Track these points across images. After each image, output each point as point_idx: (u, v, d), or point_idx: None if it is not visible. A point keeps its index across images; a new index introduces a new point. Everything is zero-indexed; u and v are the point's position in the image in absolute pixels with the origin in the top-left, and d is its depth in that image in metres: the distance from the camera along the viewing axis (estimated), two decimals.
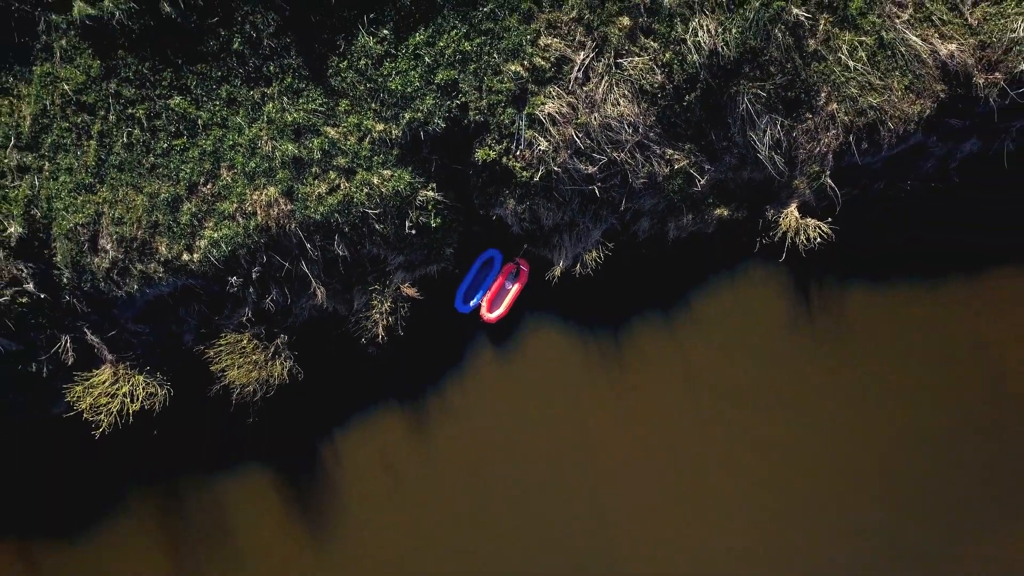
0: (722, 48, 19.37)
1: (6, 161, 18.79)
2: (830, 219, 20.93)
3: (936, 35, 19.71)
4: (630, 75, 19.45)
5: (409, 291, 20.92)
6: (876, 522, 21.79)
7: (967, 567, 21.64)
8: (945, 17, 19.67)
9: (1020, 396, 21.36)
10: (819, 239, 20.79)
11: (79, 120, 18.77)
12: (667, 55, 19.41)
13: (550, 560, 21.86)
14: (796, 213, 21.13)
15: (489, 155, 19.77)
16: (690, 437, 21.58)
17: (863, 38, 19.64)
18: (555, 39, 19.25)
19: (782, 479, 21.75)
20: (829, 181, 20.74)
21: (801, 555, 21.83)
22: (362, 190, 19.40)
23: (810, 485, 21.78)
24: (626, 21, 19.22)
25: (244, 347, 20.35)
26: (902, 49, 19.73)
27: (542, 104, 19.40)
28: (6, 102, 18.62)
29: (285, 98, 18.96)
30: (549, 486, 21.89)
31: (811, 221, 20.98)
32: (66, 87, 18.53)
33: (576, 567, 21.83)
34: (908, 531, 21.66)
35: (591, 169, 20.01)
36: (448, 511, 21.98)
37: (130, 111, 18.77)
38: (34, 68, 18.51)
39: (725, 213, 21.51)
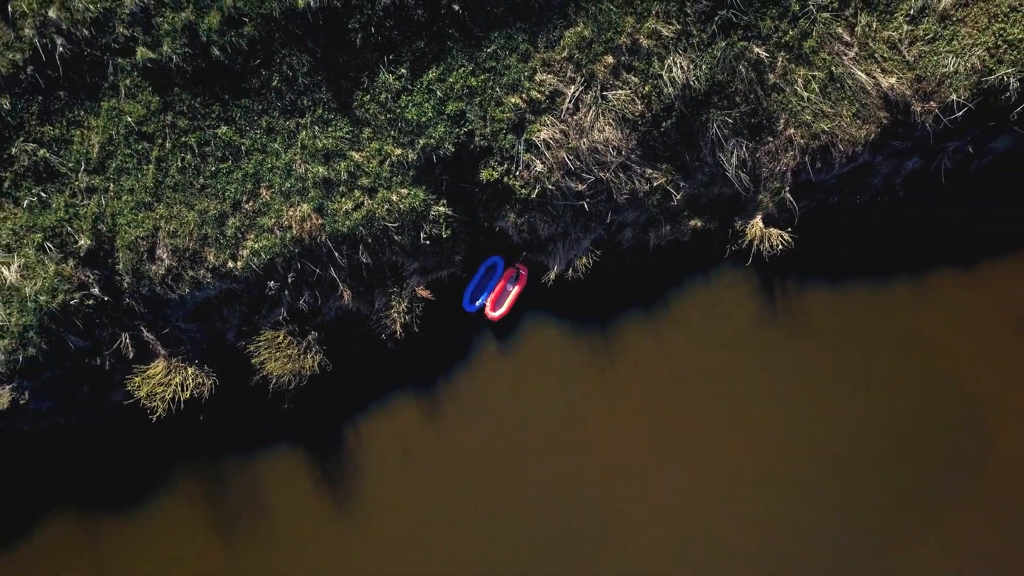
0: (694, 82, 22.40)
1: (77, 183, 21.83)
2: (790, 229, 23.93)
3: (878, 70, 22.74)
4: (614, 106, 22.49)
5: (423, 293, 23.94)
6: (834, 495, 24.75)
7: (921, 543, 24.56)
8: (886, 54, 22.68)
9: (956, 380, 24.35)
10: (780, 246, 23.81)
11: (140, 147, 21.82)
12: (646, 88, 22.45)
13: (543, 523, 24.79)
14: (760, 224, 24.13)
15: (492, 175, 22.80)
16: (667, 418, 24.50)
17: (815, 72, 22.67)
18: (549, 75, 22.29)
19: (752, 457, 24.66)
20: (788, 196, 23.77)
21: (773, 529, 24.73)
22: (383, 206, 22.43)
23: (781, 464, 24.68)
24: (610, 59, 22.26)
25: (280, 343, 23.33)
26: (849, 82, 22.76)
27: (538, 131, 22.44)
28: (78, 132, 21.66)
29: (316, 127, 22.01)
30: (544, 462, 24.79)
31: (773, 231, 23.97)
32: (129, 119, 21.56)
33: (566, 529, 24.77)
34: (859, 503, 24.65)
35: (581, 187, 23.06)
36: (455, 486, 24.91)
37: (184, 139, 21.81)
38: (102, 103, 21.54)
39: (698, 224, 24.53)
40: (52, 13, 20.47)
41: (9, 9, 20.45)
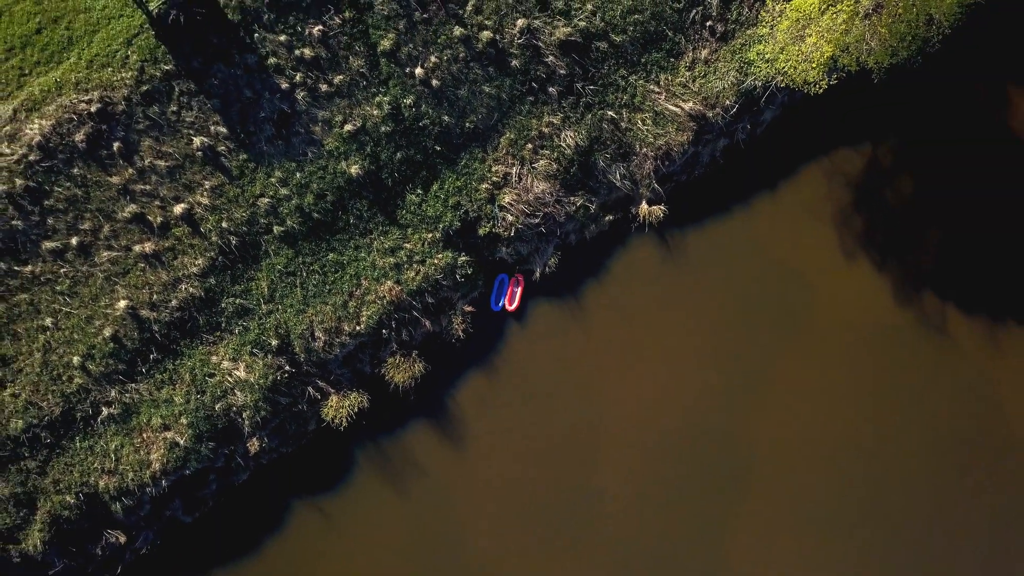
0: (580, 142, 38.47)
1: (261, 310, 37.70)
2: (663, 204, 40.04)
3: (680, 101, 38.91)
4: (540, 171, 38.53)
5: (468, 308, 39.89)
6: (716, 350, 40.83)
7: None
8: (681, 91, 38.84)
9: (787, 263, 40.51)
10: (661, 216, 39.91)
11: (289, 280, 37.70)
12: (555, 155, 38.51)
13: (553, 420, 40.78)
14: (646, 206, 40.20)
15: (485, 230, 38.81)
16: (617, 334, 40.46)
17: (646, 114, 38.83)
18: (500, 166, 38.34)
19: (668, 344, 40.74)
20: (656, 185, 39.91)
21: (683, 379, 40.74)
22: (431, 268, 38.43)
23: (686, 340, 40.72)
24: (530, 146, 38.31)
25: (398, 363, 39.21)
26: (667, 113, 38.93)
27: (503, 198, 38.47)
28: (253, 284, 37.51)
29: (382, 237, 37.97)
30: (555, 385, 40.31)
31: (654, 208, 40.02)
32: (279, 267, 37.43)
33: (566, 424, 40.83)
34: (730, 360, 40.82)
35: (536, 220, 39.12)
36: (512, 409, 40.45)
37: (311, 267, 37.72)
38: (262, 263, 37.37)
39: (611, 217, 40.57)
40: (225, 223, 36.35)
41: (201, 229, 36.32)
